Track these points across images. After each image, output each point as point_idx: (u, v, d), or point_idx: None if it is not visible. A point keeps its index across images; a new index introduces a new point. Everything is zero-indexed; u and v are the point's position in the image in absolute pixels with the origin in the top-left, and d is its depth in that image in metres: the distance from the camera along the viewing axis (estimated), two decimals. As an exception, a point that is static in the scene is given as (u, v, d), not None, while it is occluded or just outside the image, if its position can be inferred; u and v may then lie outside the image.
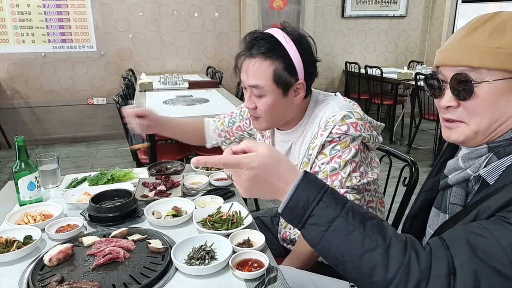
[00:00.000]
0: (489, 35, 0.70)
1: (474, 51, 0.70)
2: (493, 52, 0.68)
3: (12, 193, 1.38)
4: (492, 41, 0.69)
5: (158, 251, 1.03)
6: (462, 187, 0.78)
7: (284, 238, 1.39)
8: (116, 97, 2.86)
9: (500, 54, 0.68)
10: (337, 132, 1.12)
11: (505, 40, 0.69)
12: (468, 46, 0.71)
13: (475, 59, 0.70)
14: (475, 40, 0.71)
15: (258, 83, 1.13)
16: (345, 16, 5.53)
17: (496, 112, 0.71)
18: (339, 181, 1.14)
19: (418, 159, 1.12)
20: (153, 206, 1.27)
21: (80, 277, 0.93)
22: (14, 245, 1.05)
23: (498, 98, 0.70)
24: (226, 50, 5.29)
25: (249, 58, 1.15)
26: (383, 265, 0.62)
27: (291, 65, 1.12)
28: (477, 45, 0.70)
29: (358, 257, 0.64)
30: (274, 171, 0.70)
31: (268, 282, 0.87)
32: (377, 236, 0.64)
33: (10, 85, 4.69)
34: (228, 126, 1.52)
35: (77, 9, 4.66)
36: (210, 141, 1.55)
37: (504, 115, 0.71)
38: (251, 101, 1.18)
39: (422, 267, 0.62)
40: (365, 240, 0.64)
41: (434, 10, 5.81)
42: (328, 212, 0.65)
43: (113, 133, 5.02)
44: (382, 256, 0.63)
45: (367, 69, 4.94)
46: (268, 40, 1.13)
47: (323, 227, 0.65)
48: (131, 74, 4.64)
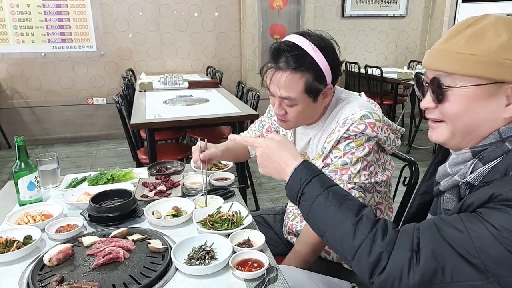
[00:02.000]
0: (466, 41, 0.71)
1: (450, 57, 0.72)
2: (466, 58, 0.70)
3: (12, 193, 1.38)
4: (468, 47, 0.70)
5: (158, 251, 1.03)
6: (454, 193, 0.80)
7: (289, 230, 1.41)
8: (116, 97, 2.86)
9: (473, 61, 0.70)
10: (354, 130, 1.14)
11: (480, 47, 0.70)
12: (446, 51, 0.73)
13: (449, 65, 0.72)
14: (453, 45, 0.73)
15: (290, 95, 1.15)
16: (345, 16, 5.53)
17: (469, 117, 0.73)
18: (348, 176, 1.15)
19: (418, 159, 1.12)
20: (153, 206, 1.27)
21: (80, 277, 0.93)
22: (14, 245, 1.05)
23: (471, 104, 0.72)
24: (226, 50, 5.29)
25: (278, 71, 1.14)
26: (351, 235, 0.73)
27: (320, 74, 1.14)
28: (454, 51, 0.72)
29: (332, 227, 0.76)
30: (277, 153, 0.90)
31: (268, 282, 0.87)
32: (350, 212, 0.76)
33: (10, 85, 4.68)
34: (259, 130, 1.56)
35: (77, 9, 4.65)
36: (252, 150, 1.58)
37: (478, 120, 0.73)
38: (281, 108, 1.20)
39: (386, 241, 0.71)
40: (338, 214, 0.76)
41: (434, 10, 5.81)
42: (313, 191, 0.80)
43: (113, 133, 5.02)
44: (351, 228, 0.74)
45: (367, 69, 4.94)
46: (296, 52, 1.12)
47: (309, 202, 0.80)
48: (131, 74, 4.64)
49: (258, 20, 4.97)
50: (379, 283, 0.70)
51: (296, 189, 0.83)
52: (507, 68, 0.68)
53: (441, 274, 0.65)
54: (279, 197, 3.30)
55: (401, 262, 0.68)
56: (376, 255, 0.70)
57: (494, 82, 0.70)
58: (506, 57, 0.68)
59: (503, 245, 0.61)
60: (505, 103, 0.71)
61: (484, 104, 0.71)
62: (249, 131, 1.61)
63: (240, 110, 2.87)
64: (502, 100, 0.71)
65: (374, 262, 0.70)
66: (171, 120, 2.61)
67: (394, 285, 0.68)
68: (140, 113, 2.77)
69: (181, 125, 2.85)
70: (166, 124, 2.61)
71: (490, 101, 0.71)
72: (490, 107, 0.71)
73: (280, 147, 0.91)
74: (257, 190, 3.37)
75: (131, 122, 2.58)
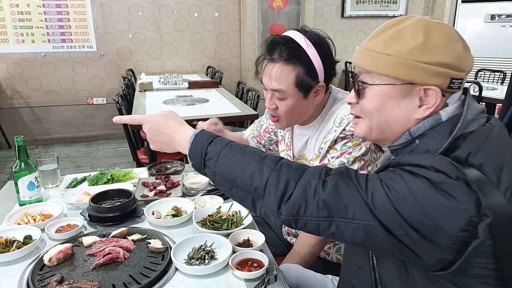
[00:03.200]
0: (385, 41, 0.74)
1: (369, 55, 0.76)
2: (383, 58, 0.73)
3: (12, 193, 1.38)
4: (387, 47, 0.73)
5: (158, 251, 1.03)
6: None
7: (289, 231, 1.42)
8: (116, 97, 2.86)
9: (389, 61, 0.73)
10: (350, 130, 1.14)
11: (396, 47, 0.72)
12: (367, 49, 0.77)
13: (368, 63, 0.76)
14: (374, 44, 0.76)
15: (281, 88, 1.15)
16: (345, 16, 5.53)
17: (384, 114, 0.77)
18: None
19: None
20: (153, 206, 1.27)
21: (80, 277, 0.93)
22: (14, 245, 1.05)
23: (385, 102, 0.75)
24: (226, 50, 5.29)
25: (271, 63, 1.16)
26: (259, 172, 0.75)
27: (312, 69, 1.14)
28: (373, 49, 0.75)
29: (241, 171, 0.77)
30: (164, 123, 0.91)
31: (268, 282, 0.87)
32: (254, 154, 0.78)
33: (10, 85, 4.68)
34: (257, 130, 1.56)
35: (77, 9, 4.65)
36: (252, 143, 1.59)
37: (391, 118, 0.76)
38: (272, 102, 1.20)
39: (292, 170, 0.74)
40: (244, 158, 0.78)
41: (434, 10, 5.81)
42: (217, 147, 0.81)
43: (113, 133, 5.02)
44: (258, 165, 0.76)
45: (367, 69, 4.94)
46: (290, 45, 1.14)
47: (214, 158, 0.80)
48: (131, 74, 4.64)
49: (258, 20, 4.97)
50: (286, 211, 0.72)
51: (199, 152, 0.82)
52: (416, 70, 0.71)
53: (344, 210, 0.68)
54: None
55: (308, 188, 0.70)
56: (283, 183, 0.72)
57: (406, 83, 0.73)
58: (418, 59, 0.71)
59: (391, 203, 0.65)
60: (417, 104, 0.74)
61: (398, 103, 0.75)
62: (248, 131, 1.62)
63: (240, 110, 2.87)
64: (415, 101, 0.74)
65: (282, 191, 0.72)
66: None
67: (300, 211, 0.71)
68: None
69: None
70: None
71: (404, 101, 0.74)
72: (404, 107, 0.75)
73: (166, 118, 0.91)
74: (257, 190, 3.37)
75: (131, 122, 2.57)
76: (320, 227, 0.71)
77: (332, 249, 1.32)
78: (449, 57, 0.71)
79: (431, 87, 0.71)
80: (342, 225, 0.69)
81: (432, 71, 0.70)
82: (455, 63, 0.71)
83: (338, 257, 1.31)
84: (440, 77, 0.71)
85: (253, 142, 1.59)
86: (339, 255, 1.31)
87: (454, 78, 0.71)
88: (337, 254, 1.31)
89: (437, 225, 0.63)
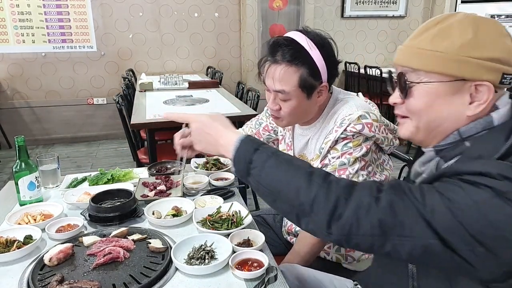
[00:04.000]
0: (432, 38, 0.72)
1: (416, 53, 0.74)
2: (431, 55, 0.72)
3: (13, 193, 1.38)
4: (434, 44, 0.72)
5: (158, 251, 1.03)
6: None
7: (289, 231, 1.42)
8: (116, 97, 2.86)
9: (437, 58, 0.71)
10: (351, 130, 1.14)
11: (445, 44, 0.71)
12: (413, 47, 0.75)
13: (415, 61, 0.74)
14: (420, 42, 0.74)
15: (284, 89, 1.15)
16: (344, 16, 5.53)
17: (433, 113, 0.74)
18: (346, 176, 1.16)
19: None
20: (153, 206, 1.28)
21: (80, 276, 0.93)
22: (14, 245, 1.05)
23: (434, 100, 0.73)
24: (226, 50, 5.30)
25: (274, 64, 1.16)
26: (306, 186, 0.71)
27: (315, 70, 1.14)
28: (420, 47, 0.74)
29: (286, 184, 0.73)
30: (209, 124, 0.90)
31: (268, 281, 0.87)
32: (301, 168, 0.75)
33: (10, 85, 4.69)
34: (255, 128, 1.55)
35: (77, 9, 4.66)
36: None
37: (441, 117, 0.74)
38: (275, 103, 1.20)
39: (342, 186, 0.69)
40: (290, 170, 0.74)
41: (434, 10, 5.81)
42: (263, 156, 0.77)
43: (113, 133, 5.02)
44: (305, 179, 0.72)
45: (367, 69, 4.94)
46: (292, 46, 1.14)
47: (259, 167, 0.77)
48: (131, 74, 4.64)
49: (258, 21, 4.97)
50: (337, 230, 0.68)
51: (244, 159, 0.79)
52: (468, 65, 0.69)
53: (400, 227, 0.64)
54: (279, 197, 3.29)
55: (360, 206, 0.66)
56: (333, 201, 0.68)
57: (456, 80, 0.71)
58: (468, 54, 0.69)
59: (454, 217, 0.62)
60: (468, 101, 0.72)
61: (448, 101, 0.73)
62: (245, 128, 1.60)
63: (240, 110, 2.87)
64: (465, 98, 0.72)
65: (332, 209, 0.68)
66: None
67: (352, 230, 0.66)
68: (140, 113, 2.77)
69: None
70: (166, 124, 2.61)
71: (454, 98, 0.72)
72: (454, 104, 0.73)
73: (212, 120, 0.91)
74: (257, 190, 3.37)
75: (131, 122, 2.58)
76: (374, 246, 0.67)
77: (332, 249, 1.32)
78: (499, 52, 0.69)
79: (484, 82, 0.70)
80: (399, 244, 0.65)
81: (484, 66, 0.69)
82: (505, 58, 0.70)
83: (338, 256, 1.32)
84: (492, 72, 0.69)
85: None
86: (339, 255, 1.31)
87: (505, 73, 0.70)
88: (336, 254, 1.32)
89: (505, 237, 0.60)
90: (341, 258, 1.32)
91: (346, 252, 1.31)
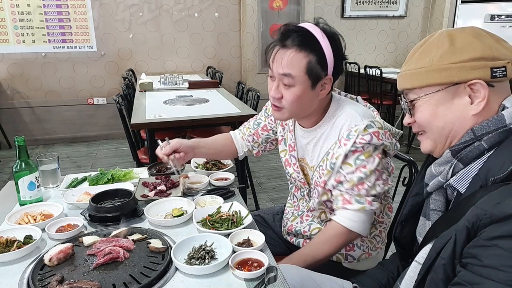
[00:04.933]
0: (417, 59, 0.81)
1: (407, 76, 0.83)
2: (418, 73, 0.80)
3: (13, 193, 1.38)
4: (418, 63, 0.80)
5: (158, 251, 1.03)
6: (441, 194, 0.83)
7: (289, 231, 1.41)
8: (116, 97, 2.86)
9: (423, 73, 0.79)
10: (360, 142, 1.14)
11: (427, 60, 0.78)
12: (405, 72, 0.84)
13: (407, 82, 0.83)
14: (408, 66, 0.83)
15: (291, 72, 1.14)
16: (344, 16, 5.53)
17: (439, 121, 0.80)
18: (365, 190, 1.16)
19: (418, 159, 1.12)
20: (153, 206, 1.28)
21: (80, 276, 0.93)
22: (14, 244, 1.05)
23: (436, 108, 0.80)
24: (226, 50, 5.29)
25: (283, 49, 1.16)
26: None
27: (323, 59, 1.15)
28: (409, 69, 0.82)
29: None
30: None
31: (268, 281, 0.87)
32: None
33: (11, 85, 4.69)
34: (254, 128, 1.53)
35: (77, 9, 4.66)
36: (241, 150, 1.56)
37: (447, 122, 0.79)
38: (278, 91, 1.19)
39: None
40: None
41: (434, 10, 5.82)
42: None
43: (113, 133, 5.02)
44: None
45: (367, 69, 4.94)
46: (303, 33, 1.15)
47: None
48: (131, 74, 4.64)
49: (258, 21, 4.97)
50: None
51: None
52: (452, 70, 0.75)
53: None
54: (279, 197, 3.30)
55: None
56: None
57: (448, 86, 0.76)
58: (449, 61, 0.75)
59: None
60: (469, 102, 0.76)
61: (449, 106, 0.78)
62: (242, 129, 1.57)
63: (240, 110, 2.87)
64: (465, 99, 0.76)
65: None
66: (171, 120, 2.61)
67: None
68: (140, 113, 2.77)
69: (181, 125, 2.85)
70: (166, 124, 2.61)
71: (454, 102, 0.78)
72: (456, 107, 0.78)
73: None
74: (257, 190, 3.38)
75: (132, 122, 2.58)
76: None
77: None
78: (480, 50, 0.74)
79: (474, 81, 0.74)
80: None
81: (467, 67, 0.74)
82: (488, 54, 0.73)
83: (339, 256, 1.32)
84: (478, 70, 0.74)
85: (247, 141, 1.54)
86: (339, 254, 1.32)
87: (493, 67, 0.73)
88: (338, 253, 1.31)
89: None
90: (341, 258, 1.32)
91: (346, 252, 1.31)
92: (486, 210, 0.64)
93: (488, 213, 0.64)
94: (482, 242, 0.63)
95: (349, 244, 1.29)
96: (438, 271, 0.69)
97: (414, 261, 0.80)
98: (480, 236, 0.64)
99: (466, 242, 0.66)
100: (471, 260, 0.64)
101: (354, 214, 1.17)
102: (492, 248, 0.62)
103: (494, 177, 0.69)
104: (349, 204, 1.17)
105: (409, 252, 0.93)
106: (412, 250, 0.90)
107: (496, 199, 0.64)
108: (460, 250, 0.67)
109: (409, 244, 0.94)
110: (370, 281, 1.13)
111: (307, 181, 1.34)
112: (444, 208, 0.82)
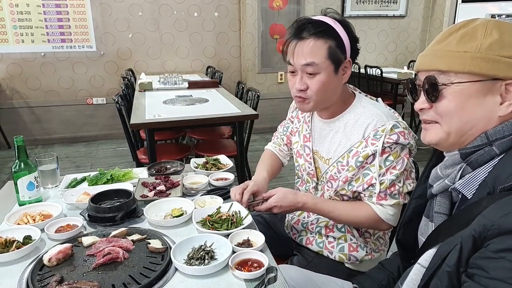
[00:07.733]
0: (459, 41, 0.72)
1: (443, 56, 0.73)
2: (460, 56, 0.71)
3: (12, 193, 1.38)
4: (461, 45, 0.71)
5: (158, 251, 1.03)
6: (446, 197, 0.80)
7: (295, 225, 1.41)
8: (116, 97, 2.86)
9: (466, 58, 0.70)
10: (388, 142, 1.15)
11: (472, 44, 0.71)
12: (439, 51, 0.74)
13: (443, 63, 0.73)
14: (446, 45, 0.74)
15: (314, 61, 1.16)
16: (345, 16, 5.52)
17: (465, 115, 0.73)
18: (397, 190, 1.20)
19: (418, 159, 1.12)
20: (152, 206, 1.27)
21: (80, 277, 0.93)
22: (13, 245, 1.04)
23: (466, 101, 0.72)
24: (226, 50, 5.29)
25: (301, 41, 1.18)
26: None
27: (341, 43, 1.18)
28: (447, 49, 0.73)
29: None
30: None
31: (268, 282, 0.87)
32: None
33: (10, 85, 4.68)
34: (284, 134, 1.54)
35: (76, 9, 4.65)
36: (285, 159, 1.58)
37: (474, 118, 0.72)
38: (302, 82, 1.20)
39: None
40: None
41: (434, 10, 5.81)
42: None
43: (112, 133, 5.02)
44: None
45: (367, 69, 4.94)
46: (317, 23, 1.18)
47: None
48: (130, 74, 4.64)
49: (258, 20, 4.97)
50: None
51: None
52: (499, 64, 0.69)
53: None
54: (279, 197, 3.29)
55: None
56: None
57: (488, 79, 0.70)
58: (498, 53, 0.69)
59: None
60: (499, 101, 0.71)
61: (480, 101, 0.72)
62: (276, 140, 1.59)
63: (239, 110, 2.87)
64: (496, 98, 0.71)
65: None
66: (171, 120, 2.61)
67: None
68: (139, 113, 2.77)
69: (181, 125, 2.85)
70: (165, 124, 2.61)
71: (486, 98, 0.71)
72: (486, 105, 0.71)
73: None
74: (257, 190, 3.36)
75: (131, 122, 2.58)
76: None
77: (335, 248, 1.32)
78: None
79: None
80: None
81: None
82: None
83: (341, 256, 1.31)
84: None
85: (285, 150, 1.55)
86: (342, 254, 1.31)
87: None
88: (340, 253, 1.31)
89: None
90: (344, 258, 1.31)
91: (349, 252, 1.31)
92: (494, 221, 0.63)
93: (496, 225, 0.62)
94: (490, 254, 0.62)
95: (353, 245, 1.30)
96: (442, 278, 0.68)
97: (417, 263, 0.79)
98: (488, 248, 0.62)
99: (472, 251, 0.65)
100: (478, 271, 0.63)
101: (390, 208, 1.20)
102: (500, 261, 0.60)
103: (502, 185, 0.67)
104: (384, 200, 1.20)
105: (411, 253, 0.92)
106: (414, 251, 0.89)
107: (504, 209, 0.63)
108: (466, 258, 0.65)
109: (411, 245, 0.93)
110: (370, 282, 1.12)
111: (316, 174, 1.34)
112: (449, 211, 0.79)
